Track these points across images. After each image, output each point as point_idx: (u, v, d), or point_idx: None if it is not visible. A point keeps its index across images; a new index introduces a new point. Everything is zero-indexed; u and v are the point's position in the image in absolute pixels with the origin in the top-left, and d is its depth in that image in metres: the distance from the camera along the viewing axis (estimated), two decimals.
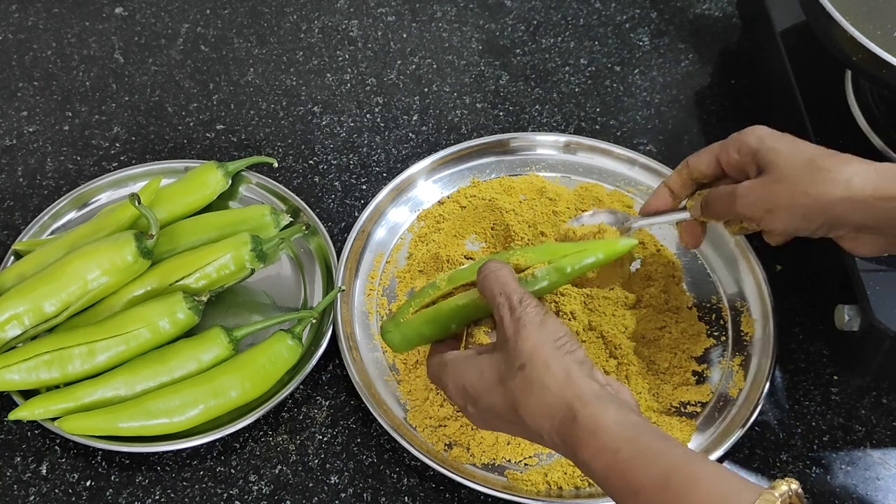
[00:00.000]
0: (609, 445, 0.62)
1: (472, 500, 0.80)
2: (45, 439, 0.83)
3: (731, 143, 0.78)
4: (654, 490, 0.59)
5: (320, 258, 0.92)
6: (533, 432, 0.66)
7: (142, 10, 1.15)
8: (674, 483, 0.59)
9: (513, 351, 0.67)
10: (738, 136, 0.77)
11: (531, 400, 0.65)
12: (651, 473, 0.60)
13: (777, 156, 0.74)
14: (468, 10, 1.16)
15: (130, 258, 0.82)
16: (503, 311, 0.68)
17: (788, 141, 0.75)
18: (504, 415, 0.67)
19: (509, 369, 0.66)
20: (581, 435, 0.63)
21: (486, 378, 0.68)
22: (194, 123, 1.05)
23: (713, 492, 0.58)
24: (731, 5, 1.17)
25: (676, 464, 0.60)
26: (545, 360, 0.65)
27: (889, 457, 0.83)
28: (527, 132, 1.03)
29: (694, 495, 0.58)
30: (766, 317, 0.88)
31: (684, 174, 0.81)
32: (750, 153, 0.76)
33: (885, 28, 0.83)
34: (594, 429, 0.62)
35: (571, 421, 0.63)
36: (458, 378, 0.70)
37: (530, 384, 0.65)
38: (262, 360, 0.83)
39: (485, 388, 0.68)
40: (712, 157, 0.79)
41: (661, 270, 0.91)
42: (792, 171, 0.73)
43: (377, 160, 1.01)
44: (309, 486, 0.80)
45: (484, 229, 0.94)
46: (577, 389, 0.64)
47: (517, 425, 0.67)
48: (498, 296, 0.69)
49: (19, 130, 1.04)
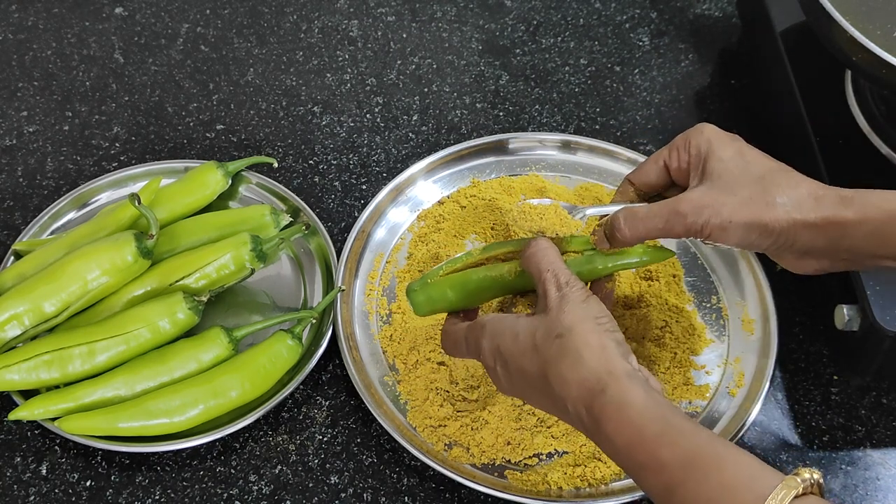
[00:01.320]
0: (635, 420, 0.62)
1: (472, 500, 0.80)
2: (45, 439, 0.83)
3: (681, 144, 0.76)
4: (679, 467, 0.60)
5: (320, 258, 0.92)
6: (557, 399, 0.66)
7: (142, 10, 1.15)
8: (699, 462, 0.60)
9: (553, 321, 0.67)
10: (687, 137, 0.75)
11: (563, 367, 0.65)
12: (677, 451, 0.61)
13: (726, 167, 0.73)
14: (468, 10, 1.16)
15: (130, 258, 0.82)
16: (549, 285, 0.69)
17: (736, 152, 0.74)
18: (532, 380, 0.68)
19: (546, 337, 0.67)
20: (608, 408, 0.63)
21: (521, 341, 0.68)
22: (194, 123, 1.05)
23: (738, 474, 0.59)
24: (731, 5, 1.17)
25: (702, 444, 0.61)
26: (584, 332, 0.66)
27: (889, 457, 0.83)
28: (527, 132, 1.03)
29: (718, 475, 0.59)
30: (766, 317, 0.88)
31: (629, 193, 0.79)
32: (699, 153, 0.74)
33: (885, 28, 0.83)
34: (622, 403, 0.63)
35: (600, 392, 0.64)
36: (493, 337, 0.70)
37: (565, 352, 0.66)
38: (262, 360, 0.83)
39: (518, 350, 0.68)
40: (659, 166, 0.77)
41: (661, 270, 0.91)
42: (745, 187, 0.72)
43: (377, 160, 1.01)
44: (309, 486, 0.80)
45: (484, 229, 0.94)
46: (610, 365, 0.65)
47: (542, 393, 0.67)
48: (545, 272, 0.70)
49: (19, 130, 1.04)
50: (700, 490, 0.59)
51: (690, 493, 0.59)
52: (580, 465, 0.79)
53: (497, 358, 0.70)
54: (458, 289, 0.76)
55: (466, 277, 0.76)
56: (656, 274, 0.90)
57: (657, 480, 0.61)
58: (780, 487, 0.57)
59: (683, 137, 0.76)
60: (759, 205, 0.71)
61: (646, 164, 0.78)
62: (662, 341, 0.86)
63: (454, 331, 0.74)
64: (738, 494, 0.58)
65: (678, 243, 0.93)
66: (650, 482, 0.62)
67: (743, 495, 0.58)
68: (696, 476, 0.59)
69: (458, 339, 0.74)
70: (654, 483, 0.61)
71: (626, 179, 0.79)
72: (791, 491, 0.57)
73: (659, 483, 0.61)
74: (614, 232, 0.75)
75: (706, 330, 0.88)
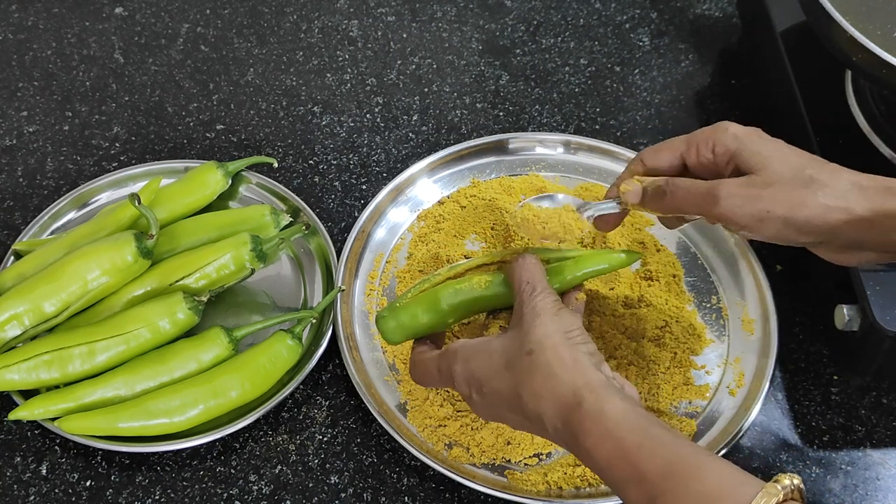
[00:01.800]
0: (614, 433, 0.62)
1: (472, 500, 0.80)
2: (45, 439, 0.83)
3: (702, 141, 0.73)
4: (659, 478, 0.60)
5: (320, 258, 0.92)
6: (533, 418, 0.66)
7: (142, 10, 1.15)
8: (679, 471, 0.59)
9: (524, 336, 0.67)
10: (710, 134, 0.73)
11: (535, 383, 0.65)
12: (656, 462, 0.60)
13: (764, 160, 0.70)
14: (468, 10, 1.16)
15: (130, 258, 0.82)
16: (524, 296, 0.69)
17: (771, 145, 0.71)
18: (508, 400, 0.67)
19: (517, 354, 0.67)
20: (585, 421, 0.63)
21: (494, 361, 0.68)
22: (194, 123, 1.05)
23: (718, 482, 0.58)
24: (731, 5, 1.17)
25: (682, 454, 0.60)
26: (554, 346, 0.66)
27: (889, 457, 0.83)
28: (527, 132, 1.03)
29: (698, 484, 0.58)
30: (766, 317, 0.88)
31: (641, 173, 0.76)
32: (728, 154, 0.71)
33: (885, 28, 0.83)
34: (599, 416, 0.62)
35: (576, 406, 0.63)
36: (467, 362, 0.69)
37: (537, 367, 0.65)
38: (262, 360, 0.83)
39: (492, 371, 0.68)
40: (675, 156, 0.74)
41: (662, 270, 0.91)
42: (785, 179, 0.69)
43: (377, 160, 1.01)
44: (309, 486, 0.80)
45: (484, 229, 0.94)
46: (584, 377, 0.64)
47: (519, 413, 0.67)
48: (524, 283, 0.70)
49: (19, 130, 1.04)
50: (680, 501, 0.58)
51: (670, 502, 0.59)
52: (580, 465, 0.79)
53: (471, 383, 0.69)
54: (429, 308, 0.74)
55: (436, 295, 0.74)
56: (656, 274, 0.90)
57: (638, 493, 0.60)
58: (760, 495, 0.57)
59: (706, 136, 0.73)
60: (800, 197, 0.69)
61: (661, 151, 0.75)
62: (662, 341, 0.86)
63: (423, 360, 0.73)
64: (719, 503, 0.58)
65: (678, 243, 0.93)
66: (632, 495, 0.61)
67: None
68: (676, 486, 0.59)
69: (429, 369, 0.72)
70: (635, 496, 0.61)
71: (638, 158, 0.76)
72: (772, 498, 0.57)
73: (640, 495, 0.60)
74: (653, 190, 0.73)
75: (706, 330, 0.88)
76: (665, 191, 0.73)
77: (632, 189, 0.74)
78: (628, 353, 0.85)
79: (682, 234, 0.94)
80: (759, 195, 0.69)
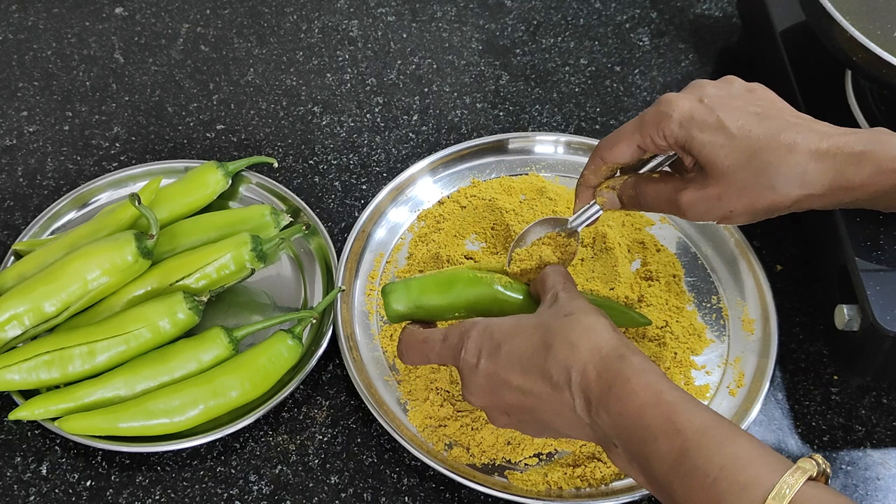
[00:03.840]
0: (654, 386, 0.62)
1: (472, 500, 0.80)
2: (45, 439, 0.83)
3: (651, 128, 0.70)
4: (695, 431, 0.60)
5: (320, 258, 0.92)
6: (558, 370, 0.65)
7: (142, 10, 1.15)
8: (715, 433, 0.59)
9: (562, 306, 0.68)
10: (656, 119, 0.70)
11: (574, 335, 0.65)
12: (693, 419, 0.60)
13: (713, 154, 0.68)
14: (468, 10, 1.16)
15: (130, 258, 0.82)
16: (561, 292, 0.70)
17: (716, 129, 0.68)
18: (529, 356, 0.66)
19: (555, 315, 0.67)
20: (626, 372, 0.63)
21: (522, 322, 0.68)
22: (194, 123, 1.05)
23: (752, 448, 0.59)
24: (731, 5, 1.17)
25: (719, 420, 0.61)
26: (595, 314, 0.67)
27: (889, 457, 0.83)
28: (527, 132, 1.03)
29: (734, 445, 0.59)
30: (766, 317, 0.88)
31: (603, 170, 0.75)
32: (678, 144, 0.70)
33: (885, 28, 0.83)
34: (642, 370, 0.63)
35: (619, 358, 0.64)
36: (488, 326, 0.69)
37: (577, 323, 0.66)
38: (262, 360, 0.83)
39: (518, 330, 0.67)
40: (633, 148, 0.72)
41: (662, 271, 0.91)
42: (737, 174, 0.68)
43: (377, 160, 1.01)
44: (309, 486, 0.80)
45: (484, 229, 0.94)
46: (626, 341, 0.66)
47: (534, 370, 0.66)
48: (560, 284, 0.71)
49: (19, 130, 1.04)
50: (714, 455, 0.58)
51: (703, 456, 0.58)
52: (580, 465, 0.79)
53: (484, 348, 0.68)
54: (442, 288, 0.74)
55: (453, 276, 0.74)
56: (656, 274, 0.90)
57: (669, 444, 0.60)
58: (795, 467, 0.57)
59: (653, 123, 0.70)
60: (757, 189, 0.68)
61: (618, 143, 0.73)
62: (662, 341, 0.86)
63: (424, 331, 0.72)
64: (752, 464, 0.57)
65: (678, 243, 0.93)
66: (660, 447, 0.60)
67: (757, 469, 0.57)
68: (710, 443, 0.59)
69: (432, 337, 0.71)
70: (664, 448, 0.60)
71: (596, 156, 0.74)
72: (805, 473, 0.57)
73: (671, 447, 0.60)
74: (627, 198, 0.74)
75: (706, 330, 0.88)
76: (637, 199, 0.74)
77: (607, 199, 0.75)
78: None
79: (682, 233, 0.94)
80: (718, 197, 0.69)
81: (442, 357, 0.72)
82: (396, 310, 0.75)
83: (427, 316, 0.76)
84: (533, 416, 0.69)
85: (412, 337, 0.73)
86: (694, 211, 0.71)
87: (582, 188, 0.77)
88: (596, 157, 0.75)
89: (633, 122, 0.72)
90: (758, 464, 0.57)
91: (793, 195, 0.68)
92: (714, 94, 0.70)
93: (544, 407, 0.67)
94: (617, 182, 0.75)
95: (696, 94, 0.71)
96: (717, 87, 0.72)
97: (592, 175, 0.76)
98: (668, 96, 0.71)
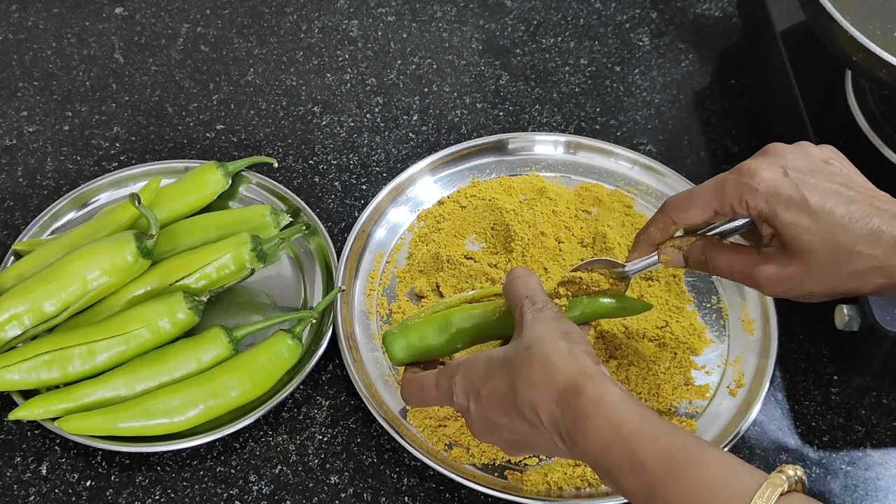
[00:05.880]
0: (613, 418, 0.61)
1: (472, 500, 0.80)
2: (45, 439, 0.83)
3: (733, 198, 0.69)
4: (659, 464, 0.59)
5: (320, 258, 0.92)
6: (528, 411, 0.65)
7: (142, 10, 1.15)
8: (679, 459, 0.59)
9: (524, 337, 0.67)
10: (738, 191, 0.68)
11: (532, 372, 0.65)
12: (656, 449, 0.59)
13: (799, 235, 0.66)
14: (468, 10, 1.16)
15: (130, 258, 0.82)
16: (525, 309, 0.69)
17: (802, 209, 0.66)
18: (503, 399, 0.67)
19: (516, 350, 0.67)
20: (585, 406, 0.62)
21: (493, 363, 0.68)
22: (194, 123, 1.05)
23: (719, 472, 0.58)
24: (731, 5, 1.17)
25: (682, 443, 0.60)
26: (552, 341, 0.66)
27: (889, 457, 0.83)
28: (527, 132, 1.03)
29: (699, 474, 0.58)
30: (766, 317, 0.88)
31: (671, 230, 0.73)
32: (761, 217, 0.68)
33: (885, 28, 0.83)
34: (599, 401, 0.62)
35: (575, 392, 0.63)
36: (468, 370, 0.69)
37: (534, 358, 0.65)
38: (262, 360, 0.83)
39: (490, 372, 0.68)
40: (709, 213, 0.70)
41: (662, 271, 0.91)
42: (824, 259, 0.66)
43: (377, 160, 1.01)
44: (309, 486, 0.80)
45: (484, 229, 0.94)
46: (583, 366, 0.64)
47: (513, 412, 0.66)
48: (524, 298, 0.70)
49: (19, 130, 1.04)
50: (681, 489, 0.58)
51: (670, 493, 0.58)
52: (580, 465, 0.79)
53: (469, 392, 0.69)
54: (440, 329, 0.75)
55: (448, 317, 0.75)
56: (656, 274, 0.90)
57: (637, 481, 0.60)
58: (765, 485, 0.56)
59: (735, 193, 0.68)
60: (841, 277, 0.67)
61: (691, 210, 0.71)
62: (662, 341, 0.86)
63: (419, 377, 0.73)
64: (720, 493, 0.57)
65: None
66: (630, 484, 0.60)
67: (725, 493, 0.56)
68: (675, 474, 0.58)
69: (426, 384, 0.72)
70: (633, 485, 0.60)
71: (667, 215, 0.72)
72: (777, 489, 0.56)
73: (639, 484, 0.60)
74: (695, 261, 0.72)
75: (706, 330, 0.88)
76: (706, 263, 0.72)
77: (671, 258, 0.73)
78: (628, 353, 0.85)
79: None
80: (800, 279, 0.68)
81: (439, 401, 0.73)
82: (398, 356, 0.76)
83: (430, 356, 0.76)
84: (533, 447, 0.70)
85: (410, 384, 0.74)
86: (773, 288, 0.69)
87: (644, 243, 0.75)
88: (666, 217, 0.73)
89: (710, 186, 0.70)
90: (726, 490, 0.57)
91: (875, 284, 0.67)
92: (796, 166, 0.68)
93: (535, 440, 0.68)
94: (684, 243, 0.73)
95: (779, 165, 0.68)
96: (796, 156, 0.69)
97: (659, 234, 0.73)
98: (749, 165, 0.69)
